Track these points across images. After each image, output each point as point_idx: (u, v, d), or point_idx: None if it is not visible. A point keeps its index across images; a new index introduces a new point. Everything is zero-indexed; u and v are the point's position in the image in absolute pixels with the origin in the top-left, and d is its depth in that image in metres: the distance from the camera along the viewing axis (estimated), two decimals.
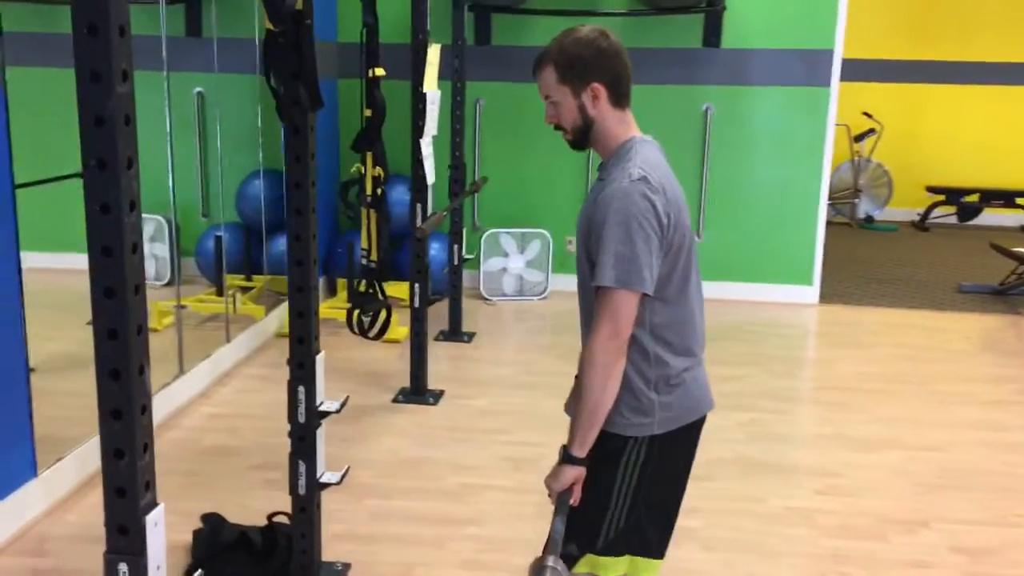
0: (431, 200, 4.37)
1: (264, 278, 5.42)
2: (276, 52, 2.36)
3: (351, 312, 3.98)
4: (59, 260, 4.08)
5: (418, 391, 4.36)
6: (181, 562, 2.88)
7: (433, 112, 4.19)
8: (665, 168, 1.96)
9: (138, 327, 1.57)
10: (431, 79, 4.13)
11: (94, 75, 1.45)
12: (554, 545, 1.74)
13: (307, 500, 2.70)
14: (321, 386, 2.66)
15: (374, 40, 3.68)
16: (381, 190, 3.85)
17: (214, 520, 2.98)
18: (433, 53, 4.14)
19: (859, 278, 6.86)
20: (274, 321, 5.22)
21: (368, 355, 4.84)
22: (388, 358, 4.88)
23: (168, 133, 4.29)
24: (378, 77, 3.71)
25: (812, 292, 6.15)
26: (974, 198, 8.79)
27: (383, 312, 4.02)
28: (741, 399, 4.36)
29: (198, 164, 5.18)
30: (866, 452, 3.88)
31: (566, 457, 1.92)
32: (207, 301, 5.04)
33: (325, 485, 2.72)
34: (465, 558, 3.00)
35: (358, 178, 3.90)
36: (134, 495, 1.60)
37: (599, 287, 1.86)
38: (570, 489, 1.91)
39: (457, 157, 5.07)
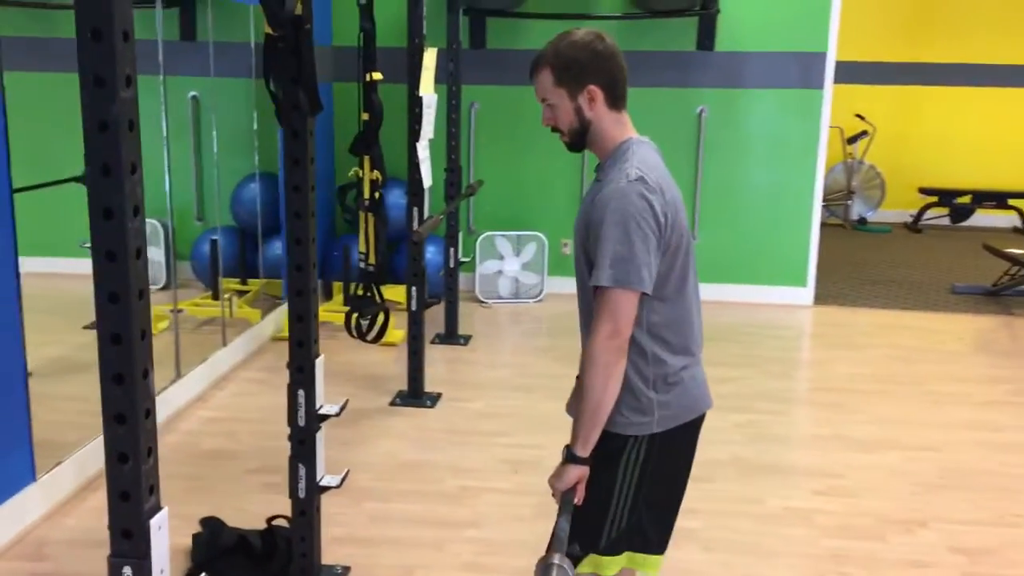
0: (427, 203, 4.38)
1: (260, 282, 5.42)
2: (275, 57, 2.37)
3: (349, 315, 3.98)
4: (53, 265, 4.09)
5: (415, 394, 4.37)
6: (181, 566, 2.88)
7: (429, 116, 4.20)
8: (662, 169, 1.97)
9: (142, 331, 1.57)
10: (427, 83, 4.14)
11: (98, 80, 1.46)
12: (559, 544, 1.75)
13: (307, 503, 2.70)
14: (320, 389, 2.66)
15: (371, 45, 3.70)
16: (379, 194, 3.86)
17: (213, 524, 2.98)
18: (429, 57, 4.14)
19: (853, 279, 6.89)
20: (270, 325, 5.21)
21: (365, 358, 4.85)
22: (385, 361, 4.89)
23: (164, 138, 4.29)
24: (375, 81, 3.72)
25: (807, 293, 6.17)
26: (966, 199, 8.82)
27: (381, 315, 4.03)
28: (738, 400, 4.37)
29: (193, 168, 5.19)
30: (863, 452, 3.89)
31: (569, 457, 1.93)
32: (203, 305, 5.04)
33: (325, 488, 2.72)
34: (464, 560, 3.01)
35: (356, 182, 3.90)
36: (138, 499, 1.60)
37: (597, 287, 1.87)
38: (574, 488, 1.92)
39: (453, 160, 5.07)
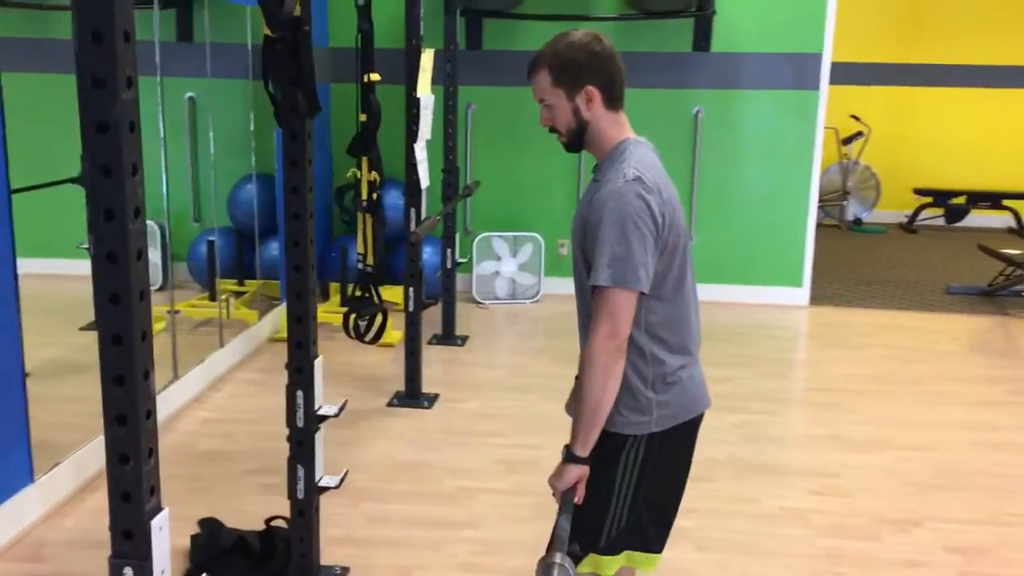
0: (424, 204, 4.38)
1: (257, 283, 5.42)
2: (274, 58, 2.37)
3: (347, 316, 3.99)
4: (48, 266, 4.08)
5: (413, 395, 4.37)
6: (179, 567, 2.88)
7: (427, 117, 4.21)
8: (660, 169, 1.98)
9: (142, 333, 1.58)
10: (425, 84, 4.15)
11: (98, 81, 1.46)
12: (560, 543, 1.75)
13: (306, 504, 2.70)
14: (319, 390, 2.67)
15: (369, 46, 3.70)
16: (377, 194, 3.86)
17: (212, 525, 2.98)
18: (426, 58, 4.15)
19: (848, 280, 6.90)
20: (267, 326, 5.21)
21: (362, 359, 4.85)
22: (382, 362, 4.89)
23: (161, 139, 4.29)
24: (374, 82, 3.73)
25: (802, 294, 6.19)
26: (961, 200, 8.84)
27: (379, 316, 4.03)
28: (734, 400, 4.38)
29: (189, 169, 5.19)
30: (859, 452, 3.90)
31: (569, 456, 1.94)
32: (200, 306, 5.04)
33: (324, 489, 2.73)
34: (462, 561, 3.01)
35: (354, 183, 3.91)
36: (139, 499, 1.61)
37: (595, 287, 1.88)
38: (574, 488, 1.93)
39: (450, 161, 5.08)
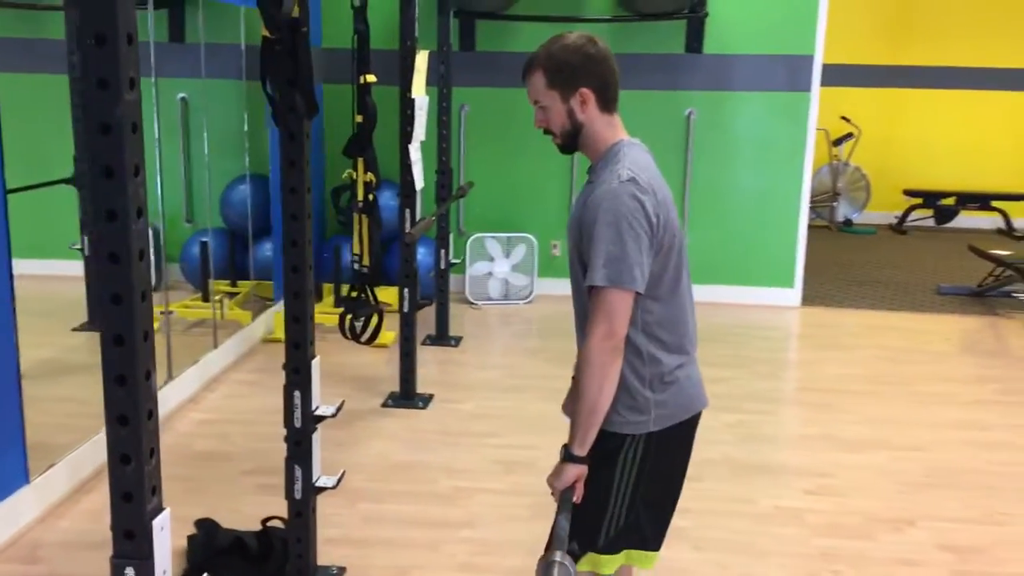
0: (418, 205, 4.39)
1: (250, 283, 5.41)
2: (272, 59, 2.37)
3: (343, 317, 3.99)
4: (39, 267, 4.07)
5: (407, 395, 4.38)
6: (177, 568, 2.88)
7: (421, 118, 4.21)
8: (654, 170, 1.99)
9: (144, 333, 1.58)
10: (419, 85, 4.15)
11: (102, 83, 1.46)
12: (559, 542, 1.76)
13: (303, 504, 2.71)
14: (316, 391, 2.67)
15: (365, 47, 3.71)
16: (372, 195, 3.86)
17: (208, 525, 2.98)
18: (421, 60, 4.16)
19: (840, 281, 6.94)
20: (261, 326, 5.21)
21: (356, 360, 4.85)
22: (376, 363, 4.89)
23: (156, 139, 4.28)
24: (369, 83, 3.73)
25: (794, 295, 6.21)
26: (951, 201, 8.90)
27: (375, 317, 4.04)
28: (728, 401, 4.40)
29: (182, 170, 5.18)
30: (853, 452, 3.92)
31: (567, 456, 1.94)
32: (193, 307, 5.04)
33: (321, 489, 2.73)
34: (459, 561, 3.02)
35: (350, 184, 3.91)
36: (140, 500, 1.61)
37: (592, 287, 1.89)
38: (573, 487, 1.93)
39: (444, 162, 5.08)
